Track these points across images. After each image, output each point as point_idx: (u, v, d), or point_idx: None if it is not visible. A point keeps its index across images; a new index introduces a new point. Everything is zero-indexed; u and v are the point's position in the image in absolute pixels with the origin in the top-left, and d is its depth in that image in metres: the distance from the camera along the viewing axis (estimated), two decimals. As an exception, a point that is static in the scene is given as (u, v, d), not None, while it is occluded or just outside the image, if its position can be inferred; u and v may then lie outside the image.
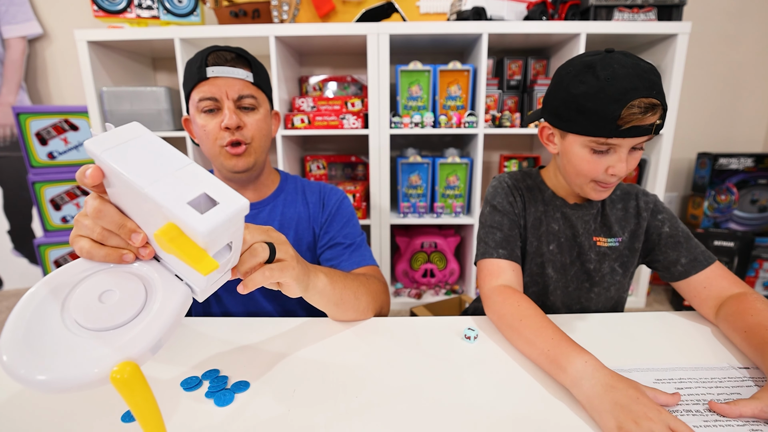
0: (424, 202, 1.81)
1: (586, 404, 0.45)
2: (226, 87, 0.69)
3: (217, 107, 0.70)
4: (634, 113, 0.55)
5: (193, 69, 0.70)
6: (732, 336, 0.58)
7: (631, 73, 0.56)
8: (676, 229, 0.70)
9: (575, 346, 0.50)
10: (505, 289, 0.65)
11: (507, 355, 0.57)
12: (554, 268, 0.74)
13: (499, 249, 0.69)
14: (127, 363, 0.30)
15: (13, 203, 2.06)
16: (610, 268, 0.73)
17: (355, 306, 0.64)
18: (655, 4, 1.57)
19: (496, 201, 0.74)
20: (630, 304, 1.86)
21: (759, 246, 1.84)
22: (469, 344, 0.60)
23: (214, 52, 0.70)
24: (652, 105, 0.56)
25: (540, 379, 0.52)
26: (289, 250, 0.48)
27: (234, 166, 0.72)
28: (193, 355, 0.58)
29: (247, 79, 0.71)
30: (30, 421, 0.45)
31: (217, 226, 0.30)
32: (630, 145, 0.60)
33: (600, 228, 0.73)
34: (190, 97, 0.72)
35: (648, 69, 0.57)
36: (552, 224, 0.73)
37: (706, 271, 0.66)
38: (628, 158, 0.61)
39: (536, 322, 0.56)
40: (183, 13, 1.72)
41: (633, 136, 0.58)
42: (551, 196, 0.74)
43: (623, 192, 0.75)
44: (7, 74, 1.93)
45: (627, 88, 0.55)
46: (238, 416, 0.46)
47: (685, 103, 1.92)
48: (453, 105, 1.69)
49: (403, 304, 1.84)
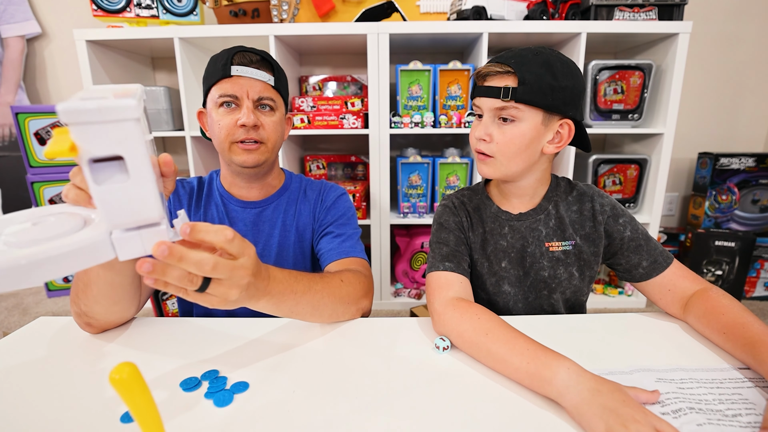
0: (424, 202, 1.80)
1: (573, 411, 0.44)
2: (247, 86, 0.71)
3: (236, 104, 0.72)
4: (483, 72, 0.64)
5: (217, 65, 0.71)
6: (710, 336, 0.59)
7: (510, 49, 0.66)
8: (637, 231, 0.70)
9: (553, 354, 0.49)
10: (459, 302, 0.61)
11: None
12: (510, 284, 0.73)
13: (446, 262, 0.68)
14: (126, 364, 0.30)
15: (12, 203, 2.06)
16: (567, 273, 0.71)
17: (314, 317, 0.62)
18: (655, 3, 1.57)
19: (443, 219, 0.74)
20: (630, 305, 1.86)
21: (760, 246, 1.84)
22: (439, 354, 0.58)
23: (240, 51, 0.72)
24: (504, 71, 0.62)
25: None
26: (239, 278, 0.42)
27: (244, 161, 0.73)
28: (193, 355, 0.57)
29: (268, 82, 0.73)
30: (30, 421, 0.45)
31: (77, 108, 0.29)
32: (488, 107, 0.64)
33: (553, 232, 0.71)
34: (209, 91, 0.73)
35: (532, 49, 0.64)
36: (500, 241, 0.72)
37: (667, 273, 0.67)
38: (496, 129, 0.65)
39: (503, 335, 0.53)
40: (182, 13, 1.72)
41: (483, 95, 0.64)
42: (497, 212, 0.74)
43: (579, 193, 0.73)
44: (6, 74, 1.93)
45: (493, 57, 0.65)
46: (237, 417, 0.45)
47: (686, 102, 1.92)
48: (453, 105, 1.69)
49: (403, 304, 1.84)
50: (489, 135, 0.65)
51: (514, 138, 0.63)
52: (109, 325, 0.64)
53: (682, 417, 0.44)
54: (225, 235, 0.40)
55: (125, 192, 0.33)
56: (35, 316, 1.41)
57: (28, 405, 0.47)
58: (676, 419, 0.44)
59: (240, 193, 0.81)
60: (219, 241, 0.40)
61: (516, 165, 0.66)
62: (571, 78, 0.63)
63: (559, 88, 0.61)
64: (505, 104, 0.62)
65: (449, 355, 0.57)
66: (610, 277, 2.01)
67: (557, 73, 0.61)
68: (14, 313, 1.85)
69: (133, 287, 0.62)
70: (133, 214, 0.34)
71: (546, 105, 0.62)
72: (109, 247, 0.34)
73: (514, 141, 0.64)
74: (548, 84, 0.61)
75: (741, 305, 0.57)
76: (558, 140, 0.66)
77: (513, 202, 0.73)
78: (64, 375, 0.53)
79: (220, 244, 0.40)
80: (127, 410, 0.45)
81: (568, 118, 0.65)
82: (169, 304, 1.72)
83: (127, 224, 0.34)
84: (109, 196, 0.32)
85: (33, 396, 0.49)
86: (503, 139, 0.64)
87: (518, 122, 0.63)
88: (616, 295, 1.89)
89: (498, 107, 0.63)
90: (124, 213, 0.33)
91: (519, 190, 0.72)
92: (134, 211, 0.34)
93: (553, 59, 0.62)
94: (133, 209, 0.34)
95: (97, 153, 0.31)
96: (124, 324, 0.66)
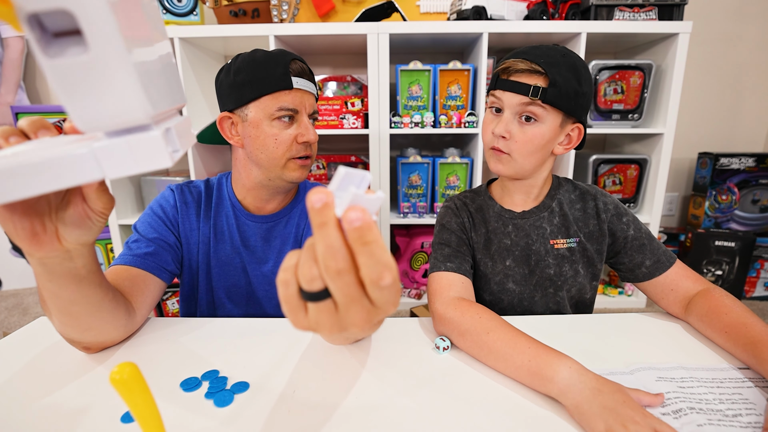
0: (424, 202, 1.80)
1: (573, 410, 0.44)
2: (305, 100, 0.70)
3: (292, 117, 0.70)
4: (509, 67, 0.63)
5: (273, 73, 0.67)
6: (711, 336, 0.59)
7: (535, 46, 0.64)
8: (640, 231, 0.71)
9: (555, 353, 0.49)
10: (460, 301, 0.61)
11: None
12: (515, 282, 0.72)
13: (447, 262, 0.68)
14: (127, 364, 0.30)
15: (12, 203, 2.06)
16: (573, 271, 0.71)
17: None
18: (655, 3, 1.57)
19: (445, 220, 0.74)
20: (630, 305, 1.86)
21: (760, 246, 1.84)
22: (439, 354, 0.58)
23: (295, 60, 0.70)
24: (533, 69, 0.61)
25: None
26: (384, 310, 0.27)
27: (299, 177, 0.72)
28: (193, 355, 0.57)
29: (316, 95, 0.72)
30: (30, 421, 0.45)
31: None
32: (513, 103, 0.63)
33: (558, 230, 0.72)
34: (258, 99, 0.67)
35: (559, 49, 0.63)
36: (504, 240, 0.73)
37: (670, 273, 0.67)
38: (517, 127, 0.64)
39: (505, 334, 0.53)
40: (182, 13, 1.72)
41: (509, 90, 0.63)
42: (500, 211, 0.74)
43: (581, 192, 0.74)
44: (6, 74, 1.93)
45: (519, 51, 0.64)
46: (237, 417, 0.45)
47: (686, 102, 1.92)
48: (453, 105, 1.69)
49: (404, 304, 1.84)
50: (509, 132, 0.64)
51: (534, 138, 0.64)
52: (102, 345, 0.57)
53: (683, 417, 0.44)
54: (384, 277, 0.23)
55: (87, 73, 0.24)
56: (35, 316, 1.41)
57: (28, 405, 0.47)
58: (677, 419, 0.44)
59: (255, 206, 0.77)
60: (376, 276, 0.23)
61: (530, 164, 0.67)
62: (589, 84, 0.64)
63: (581, 93, 0.63)
64: (531, 102, 0.62)
65: (449, 355, 0.57)
66: (610, 277, 2.01)
67: (582, 79, 0.62)
68: (14, 313, 1.85)
69: (104, 305, 0.51)
70: (104, 108, 0.25)
71: (568, 109, 0.63)
72: (92, 161, 0.27)
73: (534, 141, 0.64)
74: (574, 89, 0.62)
75: (744, 306, 0.57)
76: (567, 142, 0.68)
77: (516, 201, 0.74)
78: (64, 375, 0.53)
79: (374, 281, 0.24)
80: (128, 410, 0.45)
81: (581, 123, 0.66)
82: (169, 304, 1.71)
83: (103, 124, 0.26)
84: (66, 79, 0.24)
85: (33, 396, 0.49)
86: (523, 138, 0.64)
87: (540, 122, 0.64)
88: (616, 295, 1.89)
89: (524, 103, 0.63)
90: (91, 106, 0.25)
91: (524, 188, 0.72)
92: (105, 103, 0.25)
93: (578, 64, 0.63)
94: (102, 100, 0.25)
95: (38, 6, 0.22)
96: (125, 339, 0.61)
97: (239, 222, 0.77)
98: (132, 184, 1.90)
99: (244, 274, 0.77)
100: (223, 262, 0.76)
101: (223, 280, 0.77)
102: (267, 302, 0.78)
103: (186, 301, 0.78)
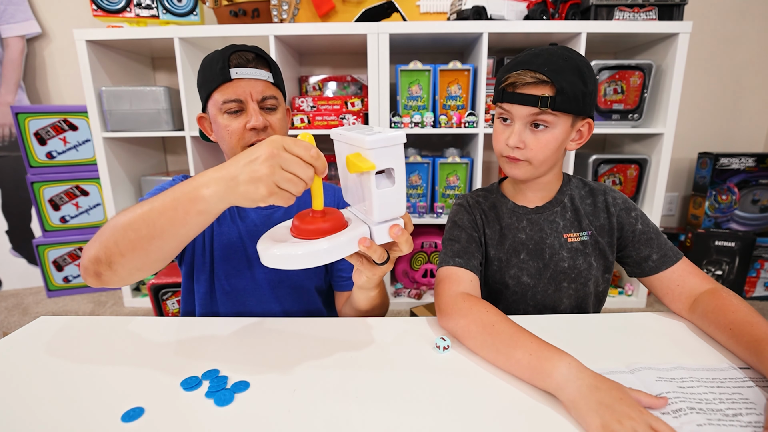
0: (424, 202, 1.80)
1: (570, 405, 0.45)
2: (249, 88, 0.70)
3: (241, 108, 0.70)
4: (515, 81, 0.63)
5: (215, 70, 0.69)
6: (714, 333, 0.59)
7: (534, 52, 0.64)
8: (647, 225, 0.72)
9: (555, 350, 0.50)
10: (466, 297, 0.62)
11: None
12: (529, 275, 0.73)
13: (456, 258, 0.69)
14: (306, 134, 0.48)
15: (11, 203, 2.06)
16: (586, 264, 0.73)
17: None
18: (655, 3, 1.57)
19: (457, 217, 0.76)
20: (630, 305, 1.86)
21: (760, 246, 1.84)
22: (440, 354, 0.58)
23: (235, 52, 0.70)
24: (539, 79, 0.62)
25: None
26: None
27: None
28: (193, 355, 0.57)
29: (268, 80, 0.71)
30: (30, 421, 0.45)
31: (378, 140, 0.43)
32: (522, 115, 0.64)
33: (570, 224, 0.73)
34: (210, 97, 0.71)
35: (560, 53, 0.63)
36: (518, 234, 0.74)
37: (676, 268, 0.68)
38: (530, 136, 0.65)
39: (507, 330, 0.54)
40: (182, 13, 1.72)
41: (517, 103, 0.64)
42: (513, 207, 0.75)
43: (591, 188, 0.76)
44: (6, 74, 1.93)
45: (520, 61, 0.64)
46: (238, 416, 0.45)
47: (686, 102, 1.92)
48: (453, 105, 1.69)
49: (404, 304, 1.84)
50: (523, 142, 0.66)
51: (549, 143, 0.65)
52: (121, 282, 0.58)
53: (682, 417, 0.44)
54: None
55: (390, 195, 0.47)
56: (35, 316, 1.41)
57: (28, 405, 0.47)
58: (676, 419, 0.43)
59: None
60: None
61: (546, 165, 0.68)
62: (593, 81, 0.65)
63: (588, 93, 0.63)
64: (541, 112, 0.63)
65: (449, 355, 0.57)
66: (611, 277, 2.01)
67: (586, 79, 0.63)
68: (14, 313, 1.85)
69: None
70: (392, 211, 0.48)
71: (577, 111, 0.64)
72: (367, 236, 0.49)
73: (549, 145, 0.65)
74: (580, 91, 0.62)
75: (751, 307, 0.57)
76: (579, 138, 0.69)
77: (529, 198, 0.75)
78: (64, 375, 0.53)
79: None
80: (129, 409, 0.45)
81: (590, 118, 0.68)
82: (169, 304, 1.72)
83: (387, 218, 0.49)
84: (382, 198, 0.47)
85: (33, 396, 0.49)
86: (538, 144, 0.65)
87: (551, 128, 0.65)
88: (616, 295, 1.89)
89: (533, 113, 0.64)
90: (388, 210, 0.48)
91: (537, 185, 0.74)
92: (393, 208, 0.48)
93: (581, 64, 0.63)
94: (392, 207, 0.48)
95: (382, 166, 0.45)
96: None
97: (239, 208, 0.79)
98: (132, 184, 1.91)
99: (240, 240, 0.78)
100: (224, 235, 0.78)
101: (221, 249, 0.77)
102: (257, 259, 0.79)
103: (187, 280, 0.80)
